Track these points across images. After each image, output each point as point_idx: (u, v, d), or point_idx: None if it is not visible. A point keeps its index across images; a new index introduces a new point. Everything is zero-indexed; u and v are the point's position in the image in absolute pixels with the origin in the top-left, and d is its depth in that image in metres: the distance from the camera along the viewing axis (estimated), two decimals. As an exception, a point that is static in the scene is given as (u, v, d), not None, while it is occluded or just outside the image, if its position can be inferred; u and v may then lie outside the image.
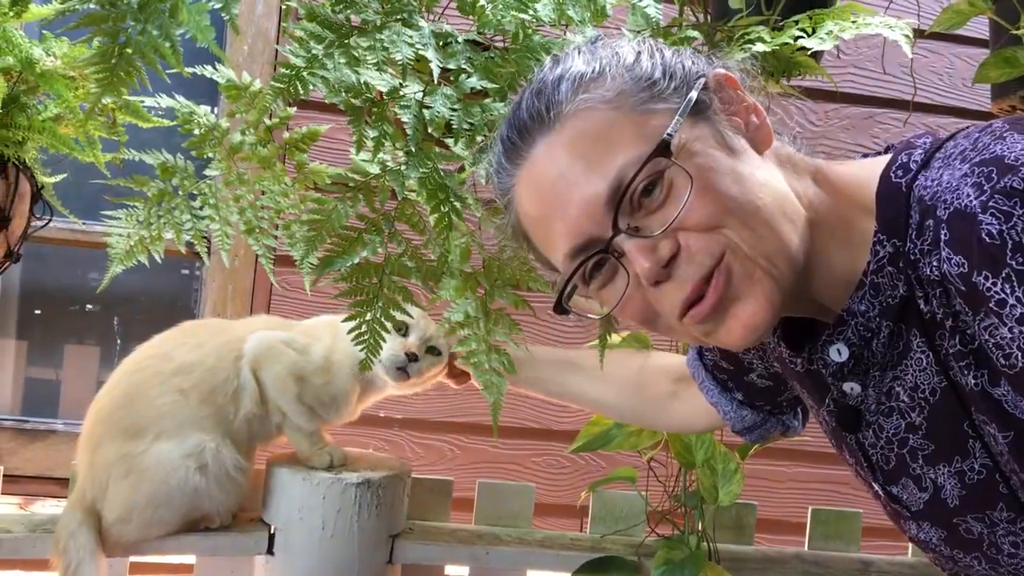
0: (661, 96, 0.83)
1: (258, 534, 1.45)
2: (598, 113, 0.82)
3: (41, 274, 2.29)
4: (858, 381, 0.90)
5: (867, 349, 0.87)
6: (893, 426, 0.88)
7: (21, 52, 1.24)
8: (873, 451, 0.92)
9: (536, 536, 1.62)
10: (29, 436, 2.11)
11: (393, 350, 1.39)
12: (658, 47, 0.87)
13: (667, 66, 0.84)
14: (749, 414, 1.24)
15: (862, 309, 0.84)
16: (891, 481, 0.92)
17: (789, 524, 2.21)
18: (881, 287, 0.82)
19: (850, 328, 0.86)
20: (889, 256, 0.81)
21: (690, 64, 0.86)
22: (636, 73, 0.84)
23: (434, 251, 1.09)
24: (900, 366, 0.85)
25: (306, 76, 1.02)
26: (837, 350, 0.88)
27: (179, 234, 1.23)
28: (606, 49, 0.87)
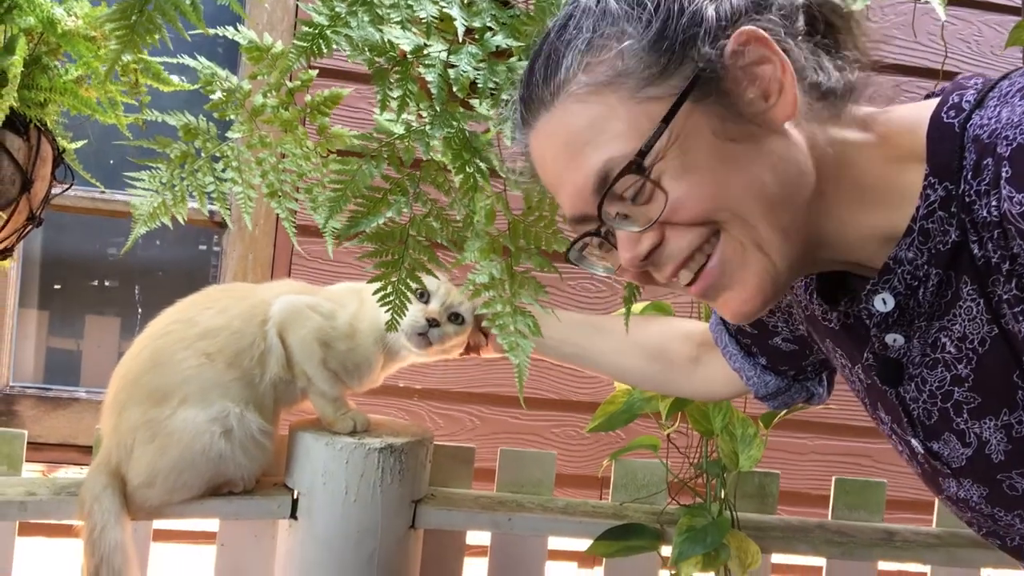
0: (665, 73, 0.78)
1: (281, 498, 1.45)
2: (595, 98, 0.80)
3: (62, 244, 2.29)
4: (902, 332, 0.86)
5: (913, 298, 0.83)
6: (938, 379, 0.86)
7: (42, 12, 1.23)
8: (915, 406, 0.89)
9: (558, 503, 1.62)
10: (52, 404, 2.12)
11: (414, 316, 1.38)
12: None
13: (685, 29, 0.77)
14: (773, 379, 1.23)
15: (909, 256, 0.81)
16: (932, 436, 0.89)
17: (810, 496, 2.20)
18: (931, 233, 0.79)
19: (896, 276, 0.83)
20: (940, 200, 0.78)
21: (713, 22, 0.78)
22: (647, 40, 0.78)
23: (459, 212, 1.08)
24: (947, 316, 0.82)
25: (329, 35, 1.01)
26: (882, 300, 0.84)
27: (202, 196, 1.22)
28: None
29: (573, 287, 2.26)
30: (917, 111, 0.82)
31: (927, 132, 0.79)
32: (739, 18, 0.78)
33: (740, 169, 0.79)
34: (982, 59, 2.32)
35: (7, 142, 1.30)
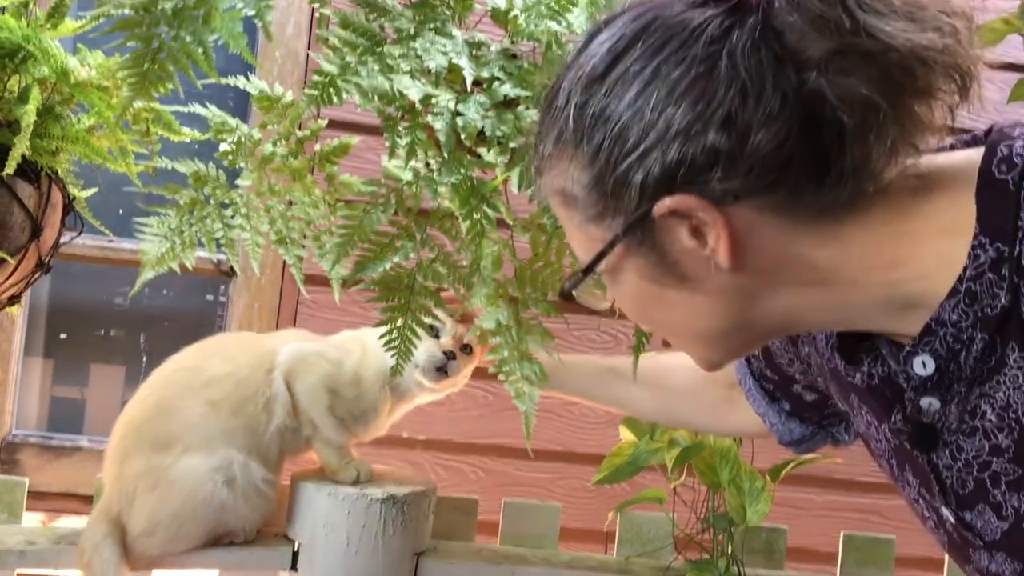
0: (603, 217, 0.80)
1: (282, 549, 1.43)
2: (558, 199, 0.84)
3: (69, 293, 2.30)
4: (938, 396, 0.82)
5: (954, 362, 0.79)
6: (975, 447, 0.81)
7: (56, 63, 1.25)
8: (947, 473, 0.85)
9: (563, 558, 1.60)
10: (54, 452, 2.11)
11: (430, 351, 1.38)
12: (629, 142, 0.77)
13: (615, 186, 0.77)
14: (797, 427, 1.19)
15: (954, 319, 0.76)
16: (965, 507, 0.84)
17: (818, 552, 2.17)
18: (979, 295, 0.74)
19: (938, 339, 0.78)
20: (991, 262, 0.73)
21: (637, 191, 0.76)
22: (588, 179, 0.79)
23: (466, 258, 1.08)
24: (990, 382, 0.78)
25: (340, 83, 1.02)
26: (922, 362, 0.79)
27: (211, 243, 1.23)
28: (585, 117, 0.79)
29: (578, 336, 2.25)
30: (945, 170, 0.78)
31: (977, 188, 0.74)
32: (672, 181, 0.75)
33: (668, 309, 0.83)
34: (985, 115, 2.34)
35: (18, 189, 1.32)
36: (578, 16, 1.13)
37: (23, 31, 1.23)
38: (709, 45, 0.73)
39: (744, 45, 0.73)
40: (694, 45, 0.74)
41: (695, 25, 0.74)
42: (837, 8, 0.71)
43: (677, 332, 0.86)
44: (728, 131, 0.73)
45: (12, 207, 1.31)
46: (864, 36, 0.71)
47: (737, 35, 0.73)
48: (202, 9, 1.00)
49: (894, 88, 0.72)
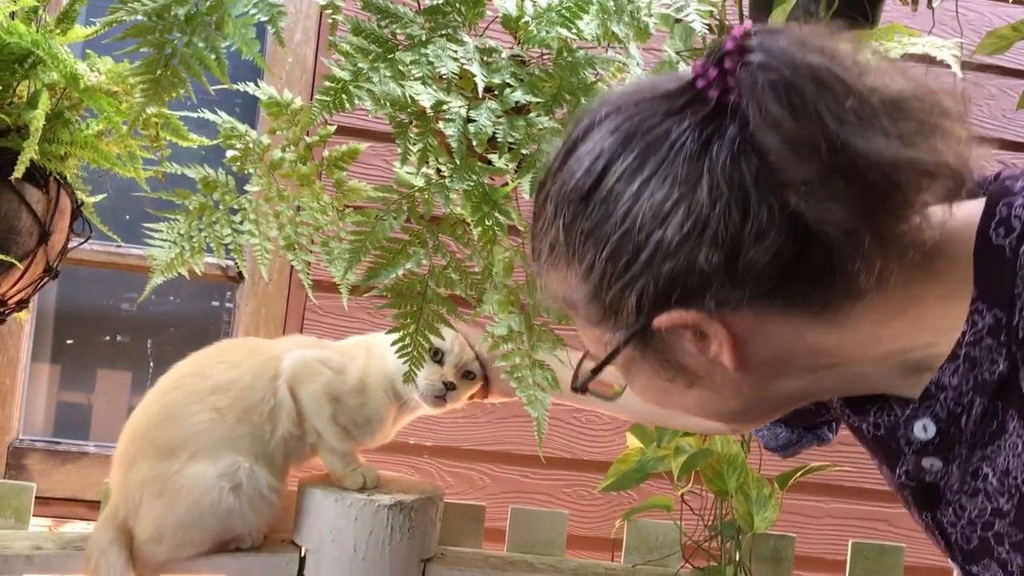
0: (604, 323, 0.80)
1: (289, 555, 1.43)
2: (558, 302, 0.84)
3: (76, 298, 2.30)
4: (940, 457, 0.81)
5: (955, 425, 0.78)
6: (978, 508, 0.80)
7: (66, 68, 1.25)
8: (952, 530, 0.84)
9: (570, 565, 1.59)
10: (61, 458, 2.11)
11: (430, 379, 1.39)
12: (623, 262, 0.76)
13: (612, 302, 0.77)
14: (783, 432, 1.19)
15: (954, 383, 0.76)
16: (971, 560, 0.84)
17: (826, 560, 2.16)
18: (978, 360, 0.74)
19: (938, 402, 0.78)
20: (989, 327, 0.73)
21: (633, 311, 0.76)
22: (586, 291, 0.79)
23: (478, 264, 1.08)
24: (991, 445, 0.77)
25: (352, 89, 1.02)
26: (923, 426, 0.80)
27: (219, 248, 1.23)
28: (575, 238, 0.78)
29: (586, 345, 2.25)
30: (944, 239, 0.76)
31: (975, 252, 0.74)
32: (667, 299, 0.75)
33: (682, 398, 0.84)
34: (994, 121, 2.34)
35: (27, 194, 1.32)
36: (588, 23, 1.13)
37: (32, 36, 1.24)
38: (691, 162, 0.72)
39: (725, 161, 0.71)
40: (675, 161, 0.73)
41: (674, 139, 0.73)
42: (813, 126, 0.69)
43: (695, 413, 0.87)
44: (719, 248, 0.71)
45: (20, 212, 1.32)
46: (844, 156, 0.69)
47: (717, 148, 0.72)
48: (215, 15, 1.00)
49: (878, 210, 0.71)
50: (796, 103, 0.69)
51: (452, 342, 1.39)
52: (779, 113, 0.69)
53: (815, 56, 0.71)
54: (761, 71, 0.70)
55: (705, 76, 0.73)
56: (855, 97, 0.70)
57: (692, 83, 0.74)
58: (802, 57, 0.71)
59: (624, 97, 0.79)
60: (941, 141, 0.71)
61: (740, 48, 0.72)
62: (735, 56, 0.72)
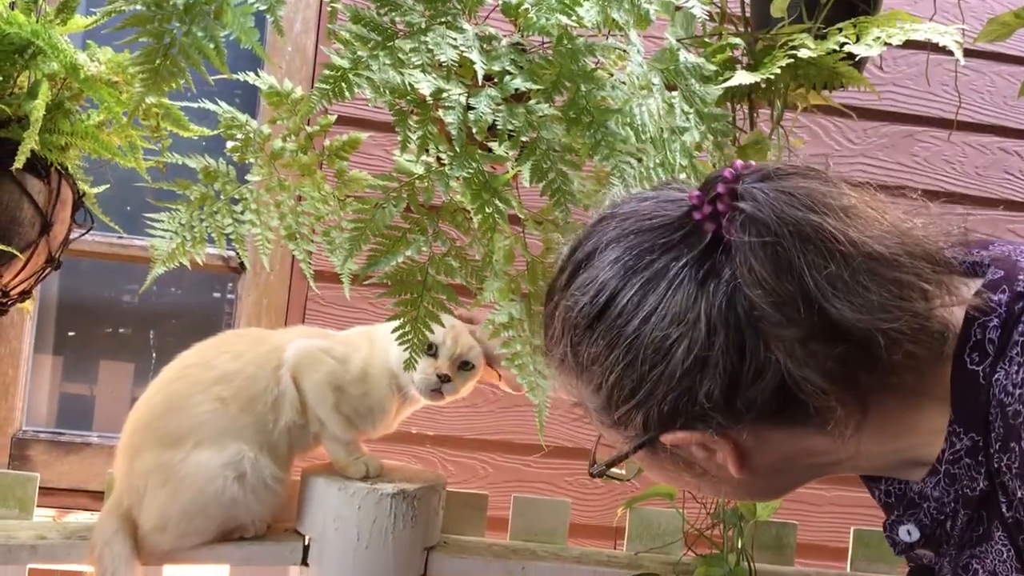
0: (617, 427, 0.83)
1: (293, 544, 1.44)
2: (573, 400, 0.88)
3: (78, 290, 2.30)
4: (931, 550, 0.84)
5: (941, 528, 0.81)
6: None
7: (66, 58, 1.25)
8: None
9: (572, 552, 1.60)
10: (64, 448, 2.11)
11: (424, 372, 1.39)
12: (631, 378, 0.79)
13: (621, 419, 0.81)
14: None
15: (935, 495, 0.79)
16: None
17: (828, 548, 2.16)
18: (958, 477, 0.77)
19: (922, 511, 0.81)
20: (967, 449, 0.75)
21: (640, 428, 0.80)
22: (598, 402, 0.83)
23: (478, 252, 1.08)
24: (979, 547, 0.79)
25: (351, 77, 1.02)
26: (907, 531, 0.83)
27: (221, 238, 1.23)
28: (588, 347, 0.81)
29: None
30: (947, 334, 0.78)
31: (951, 376, 0.76)
32: (672, 422, 0.78)
33: (700, 488, 0.88)
34: (995, 108, 2.33)
35: (28, 185, 1.32)
36: (588, 10, 1.12)
37: (32, 27, 1.23)
38: (688, 300, 0.75)
39: (721, 303, 0.74)
40: (674, 299, 0.75)
41: (672, 276, 0.76)
42: (794, 287, 0.72)
43: (711, 497, 0.93)
44: (718, 384, 0.74)
45: (22, 203, 1.32)
46: (822, 321, 0.72)
47: (713, 288, 0.74)
48: (213, 5, 1.00)
49: (857, 369, 0.73)
50: (780, 263, 0.72)
51: (444, 334, 1.39)
52: (762, 272, 0.72)
53: (801, 210, 0.73)
54: (749, 223, 0.73)
55: (701, 210, 0.76)
56: (838, 257, 0.72)
57: (689, 213, 0.77)
58: (789, 212, 0.73)
59: (625, 223, 0.81)
60: (922, 301, 0.74)
61: (731, 192, 0.75)
62: (726, 200, 0.75)
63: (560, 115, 1.07)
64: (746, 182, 0.75)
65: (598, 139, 1.06)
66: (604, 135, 1.06)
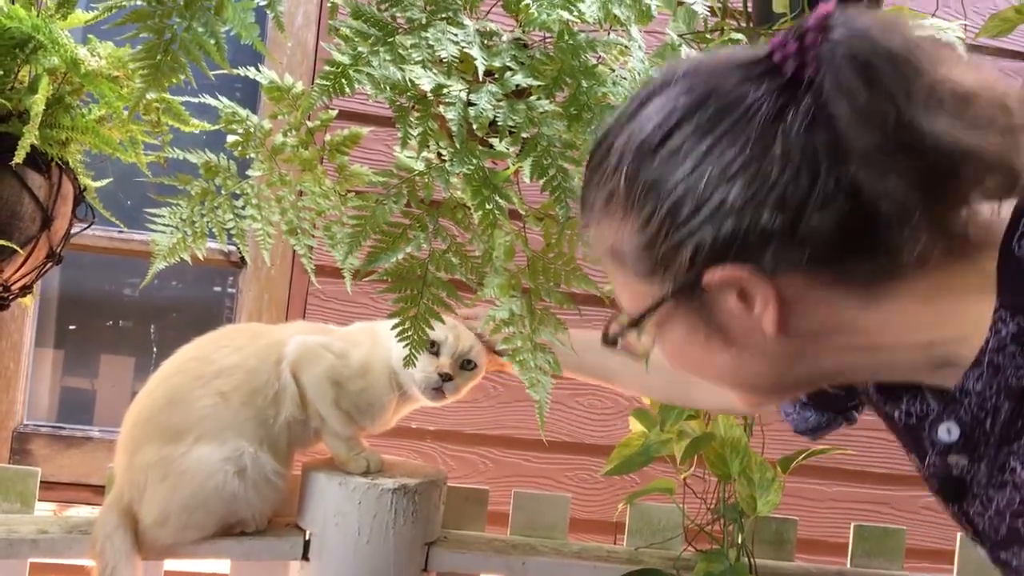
0: (652, 276, 0.81)
1: (293, 539, 1.44)
2: (603, 255, 0.86)
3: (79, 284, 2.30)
4: (966, 455, 0.82)
5: (980, 428, 0.79)
6: (1006, 499, 0.80)
7: (67, 52, 1.25)
8: (980, 519, 0.84)
9: (573, 548, 1.60)
10: (65, 442, 2.12)
11: (426, 371, 1.39)
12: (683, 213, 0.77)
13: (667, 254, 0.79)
14: (813, 415, 1.18)
15: (978, 388, 0.77)
16: (1000, 548, 0.84)
17: (828, 543, 2.17)
18: (1002, 366, 0.75)
19: (962, 407, 0.79)
20: (1012, 335, 0.74)
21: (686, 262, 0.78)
22: (639, 242, 0.80)
23: (478, 248, 1.08)
24: (1019, 441, 0.77)
25: (352, 73, 1.02)
26: (947, 429, 0.81)
27: (221, 233, 1.23)
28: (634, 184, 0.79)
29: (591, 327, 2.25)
30: (987, 233, 0.77)
31: (998, 263, 0.75)
32: (724, 254, 0.76)
33: (715, 362, 0.85)
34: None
35: (29, 180, 1.32)
36: (590, 5, 1.12)
37: (33, 21, 1.23)
38: (764, 125, 0.74)
39: (799, 128, 0.73)
40: (749, 124, 0.74)
41: (750, 103, 0.75)
42: (884, 101, 0.71)
43: (722, 381, 0.89)
44: (782, 212, 0.73)
45: (23, 197, 1.32)
46: (909, 134, 0.71)
47: (792, 115, 0.73)
48: (214, 0, 1.00)
49: (934, 190, 0.73)
50: (871, 77, 0.72)
51: (447, 332, 1.39)
52: (853, 83, 0.72)
53: (896, 40, 0.73)
54: (841, 45, 0.73)
55: (783, 50, 0.75)
56: (928, 82, 0.72)
57: (769, 56, 0.76)
58: (883, 39, 0.73)
59: (700, 63, 0.81)
60: (1003, 139, 0.73)
61: (823, 25, 0.74)
62: (816, 32, 0.74)
63: (561, 111, 1.07)
64: (840, 15, 0.75)
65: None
66: (605, 131, 1.05)
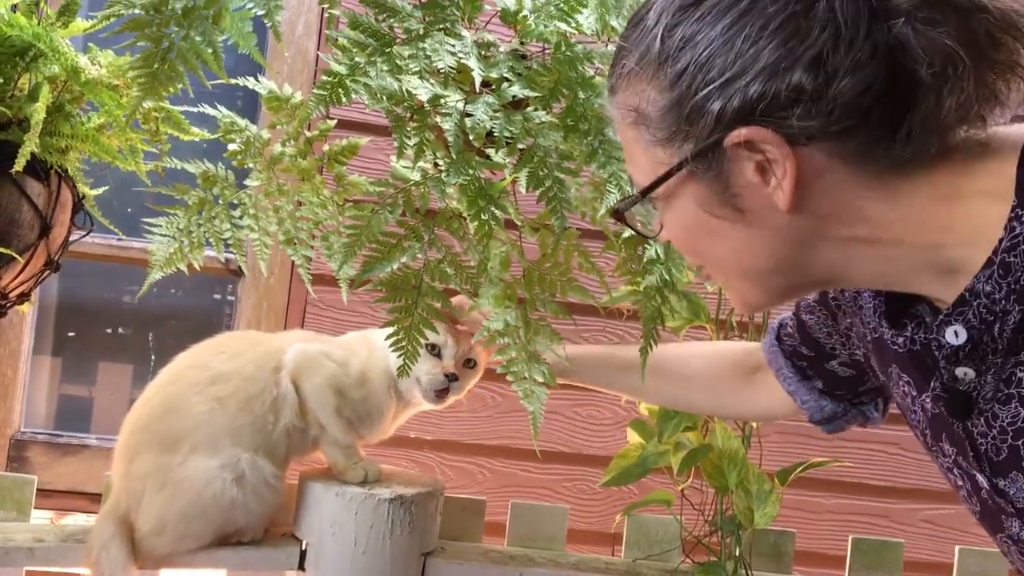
0: (672, 140, 0.81)
1: (289, 549, 1.43)
2: (629, 120, 0.85)
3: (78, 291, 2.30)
4: (973, 366, 0.81)
5: (988, 334, 0.79)
6: (1010, 415, 0.80)
7: (67, 61, 1.25)
8: (982, 440, 0.84)
9: (570, 559, 1.60)
10: (62, 450, 2.11)
11: (431, 373, 1.38)
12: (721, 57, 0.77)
13: (694, 110, 0.79)
14: (829, 404, 1.19)
15: (987, 290, 0.77)
16: (999, 473, 0.84)
17: (826, 556, 2.16)
18: (1013, 267, 0.75)
19: (971, 309, 0.78)
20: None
21: (713, 118, 0.78)
22: (665, 102, 0.81)
23: (474, 259, 1.08)
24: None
25: (349, 83, 1.02)
26: (954, 332, 0.80)
27: (219, 243, 1.23)
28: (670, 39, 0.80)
29: (587, 338, 2.25)
30: (1004, 138, 0.78)
31: (1018, 163, 0.75)
32: (751, 113, 0.76)
33: (719, 241, 0.84)
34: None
35: (28, 187, 1.32)
36: (587, 17, 1.12)
37: (33, 29, 1.24)
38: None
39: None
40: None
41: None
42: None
43: (722, 267, 0.88)
44: (815, 72, 0.74)
45: (21, 205, 1.32)
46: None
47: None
48: (212, 9, 1.00)
49: (977, 50, 0.73)
50: None
51: (445, 334, 1.39)
52: None
53: None
54: None
55: None
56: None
57: None
58: None
59: None
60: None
61: None
62: None
63: (558, 122, 1.07)
64: None
65: (595, 146, 1.06)
66: (602, 142, 1.06)
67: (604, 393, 1.51)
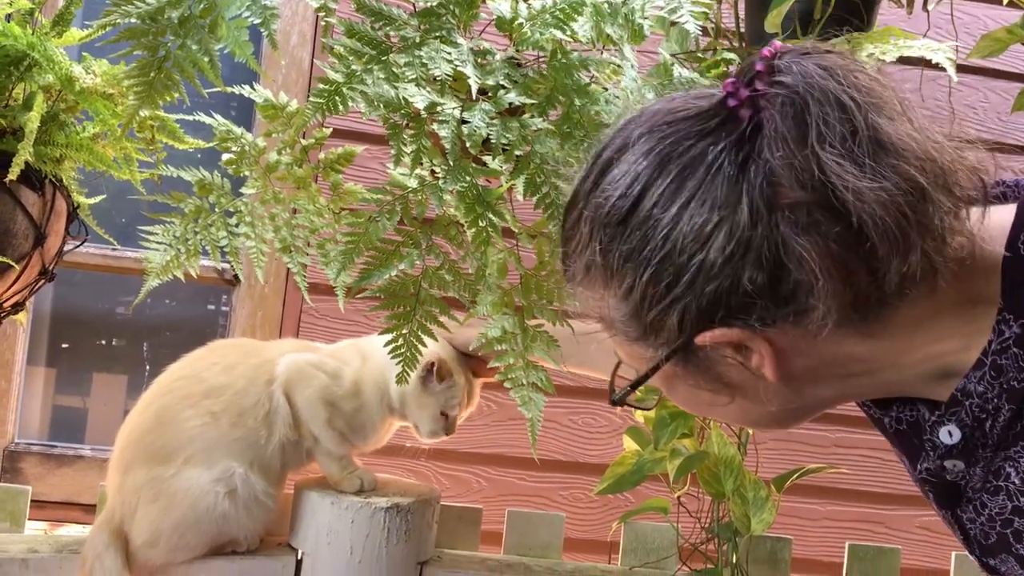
0: (644, 340, 0.80)
1: (285, 559, 1.43)
2: (594, 319, 0.84)
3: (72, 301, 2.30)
4: (963, 459, 0.82)
5: (979, 430, 0.79)
6: (998, 506, 0.81)
7: (61, 70, 1.25)
8: (972, 526, 0.85)
9: (567, 567, 1.59)
10: (56, 461, 2.11)
11: (434, 429, 1.44)
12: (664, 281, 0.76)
13: (654, 322, 0.77)
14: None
15: (979, 390, 0.77)
16: (989, 555, 0.85)
17: (823, 563, 2.16)
18: (1004, 368, 0.76)
19: (963, 409, 0.79)
20: (1016, 337, 0.75)
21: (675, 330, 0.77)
22: (625, 311, 0.79)
23: (471, 266, 1.08)
24: (1015, 447, 0.78)
25: (345, 91, 1.02)
26: (948, 432, 0.81)
27: (215, 251, 1.23)
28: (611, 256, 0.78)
29: (582, 347, 2.25)
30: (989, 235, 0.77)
31: (1003, 263, 0.75)
32: (711, 319, 0.75)
33: (720, 409, 0.86)
34: (989, 124, 2.34)
35: (22, 197, 1.32)
36: (583, 25, 1.13)
37: (28, 38, 1.24)
38: (729, 184, 0.73)
39: (763, 183, 0.72)
40: (713, 184, 0.73)
41: (711, 162, 0.73)
42: (809, 158, 0.70)
43: (733, 423, 0.93)
44: (762, 269, 0.72)
45: (16, 214, 1.31)
46: (832, 192, 0.70)
47: (754, 171, 0.72)
48: (208, 18, 1.00)
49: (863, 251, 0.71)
50: (802, 126, 0.71)
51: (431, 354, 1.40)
52: (785, 132, 0.71)
53: (836, 84, 0.72)
54: (784, 91, 0.72)
55: (736, 96, 0.74)
56: (860, 137, 0.71)
57: (724, 102, 0.75)
58: (822, 82, 0.72)
59: (655, 117, 0.79)
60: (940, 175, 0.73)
61: (770, 68, 0.73)
62: (765, 77, 0.73)
63: (554, 129, 1.07)
64: (785, 59, 0.74)
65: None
66: (598, 149, 1.06)
67: (601, 401, 1.51)
